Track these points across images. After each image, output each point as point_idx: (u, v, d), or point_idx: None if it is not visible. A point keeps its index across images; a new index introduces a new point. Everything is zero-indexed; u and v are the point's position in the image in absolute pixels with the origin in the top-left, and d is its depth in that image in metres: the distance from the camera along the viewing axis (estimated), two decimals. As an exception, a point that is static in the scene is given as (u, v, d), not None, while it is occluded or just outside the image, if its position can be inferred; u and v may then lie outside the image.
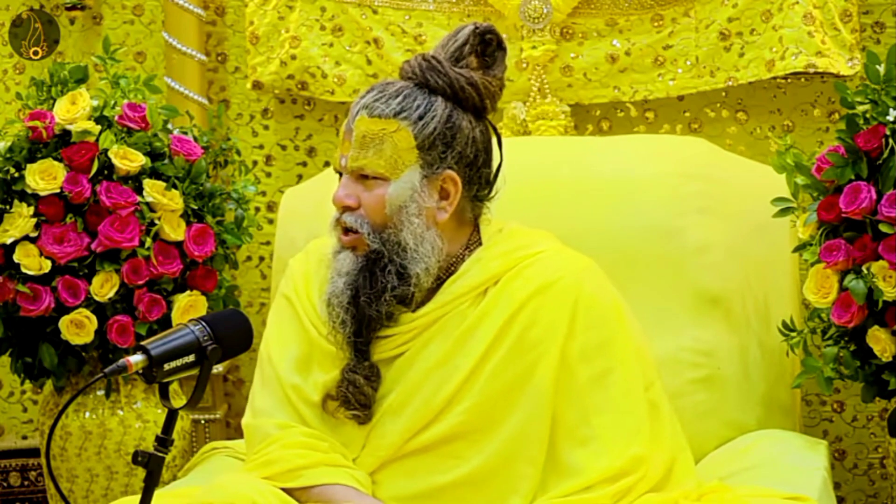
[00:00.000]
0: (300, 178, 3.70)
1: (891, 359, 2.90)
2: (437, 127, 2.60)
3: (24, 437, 3.84)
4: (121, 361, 2.22)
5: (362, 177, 2.62)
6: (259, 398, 2.73)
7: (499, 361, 2.61)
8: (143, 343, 2.25)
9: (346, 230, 2.63)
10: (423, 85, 2.64)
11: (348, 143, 2.63)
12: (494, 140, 2.71)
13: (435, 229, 2.63)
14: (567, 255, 2.71)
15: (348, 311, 2.61)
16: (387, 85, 2.66)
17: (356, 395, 2.62)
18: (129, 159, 3.14)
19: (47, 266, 3.10)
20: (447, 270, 2.67)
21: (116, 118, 3.19)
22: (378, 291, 2.60)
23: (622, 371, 2.62)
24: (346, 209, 2.63)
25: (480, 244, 2.69)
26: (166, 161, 3.20)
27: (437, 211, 2.63)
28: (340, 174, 2.66)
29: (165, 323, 3.15)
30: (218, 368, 3.61)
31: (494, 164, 2.71)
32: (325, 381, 2.66)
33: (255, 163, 3.72)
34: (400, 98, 2.62)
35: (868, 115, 2.93)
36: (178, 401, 3.10)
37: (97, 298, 3.11)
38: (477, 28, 2.68)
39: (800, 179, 3.00)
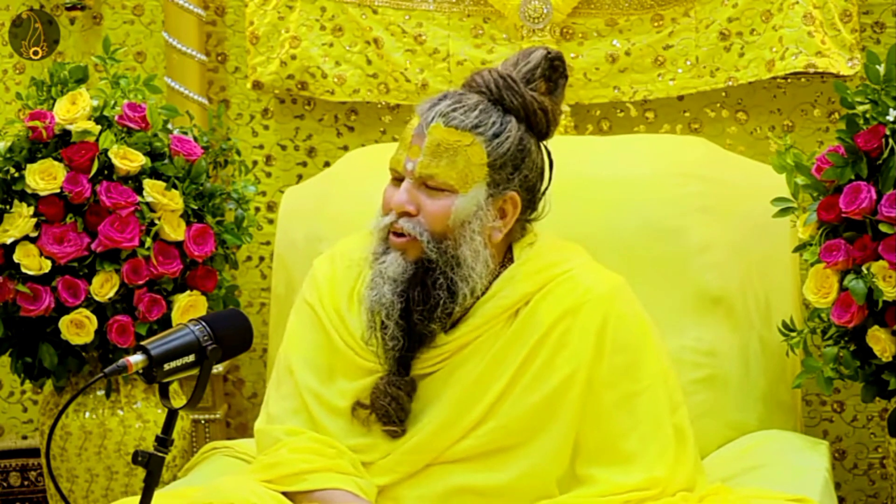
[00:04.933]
0: (300, 178, 3.70)
1: (891, 359, 2.90)
2: (510, 148, 2.60)
3: (24, 437, 3.84)
4: (121, 361, 2.21)
5: (426, 185, 2.59)
6: (274, 404, 2.73)
7: (527, 384, 2.60)
8: (143, 343, 2.25)
9: (399, 234, 2.60)
10: (498, 102, 2.63)
11: (417, 148, 2.60)
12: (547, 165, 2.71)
13: (490, 249, 2.62)
14: (596, 275, 2.69)
15: (399, 326, 2.59)
16: (461, 96, 2.64)
17: (397, 410, 2.60)
18: (129, 159, 3.14)
19: (47, 266, 3.09)
20: None
21: (116, 118, 3.19)
22: (431, 307, 2.58)
23: (649, 394, 2.61)
24: (403, 214, 2.60)
25: (512, 260, 2.67)
26: (166, 161, 3.20)
27: (493, 231, 2.62)
28: (396, 178, 2.63)
29: (165, 323, 3.15)
30: (218, 368, 3.61)
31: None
32: (354, 388, 2.65)
33: (255, 163, 3.72)
34: (477, 112, 2.60)
35: (868, 115, 2.93)
36: (178, 401, 3.10)
37: (97, 298, 3.11)
38: (548, 53, 2.68)
39: (800, 179, 2.99)
